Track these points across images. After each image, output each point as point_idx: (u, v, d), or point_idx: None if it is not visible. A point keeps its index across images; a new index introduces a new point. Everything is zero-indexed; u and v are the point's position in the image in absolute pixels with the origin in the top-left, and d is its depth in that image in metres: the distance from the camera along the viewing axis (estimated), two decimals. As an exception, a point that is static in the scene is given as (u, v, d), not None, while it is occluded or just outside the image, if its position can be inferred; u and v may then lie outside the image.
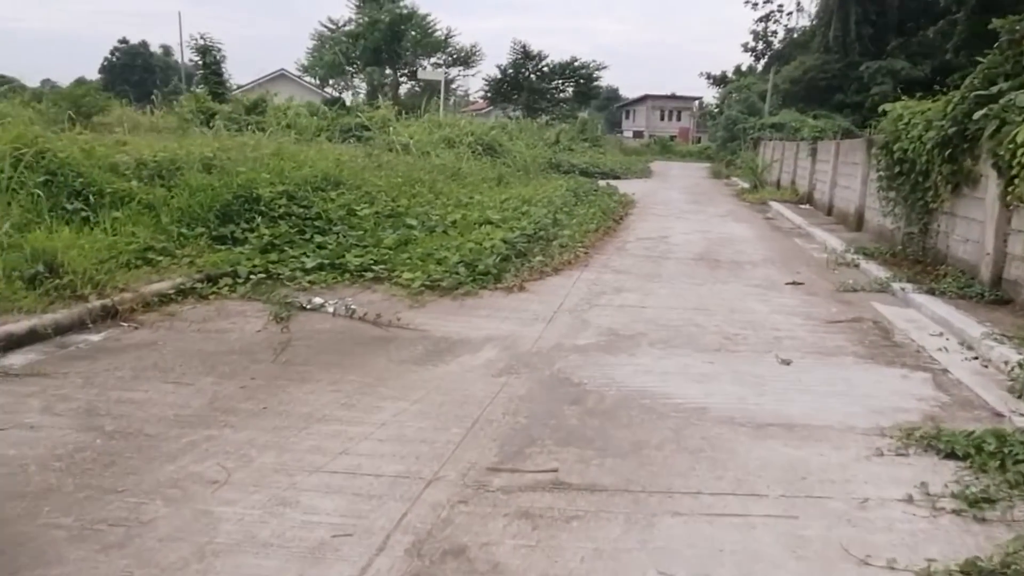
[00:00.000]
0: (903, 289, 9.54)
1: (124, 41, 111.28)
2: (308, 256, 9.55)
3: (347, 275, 9.30)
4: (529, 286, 9.46)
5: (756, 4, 59.27)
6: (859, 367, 6.62)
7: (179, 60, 71.45)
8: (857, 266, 11.78)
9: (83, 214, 9.16)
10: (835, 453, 4.70)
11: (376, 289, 8.96)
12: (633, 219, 17.92)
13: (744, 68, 61.14)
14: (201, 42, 25.30)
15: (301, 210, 10.81)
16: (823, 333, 7.74)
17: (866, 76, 43.53)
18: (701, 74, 63.00)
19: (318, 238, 10.27)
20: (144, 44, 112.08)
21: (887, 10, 47.34)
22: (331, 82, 51.97)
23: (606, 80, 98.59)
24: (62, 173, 9.43)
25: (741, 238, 15.27)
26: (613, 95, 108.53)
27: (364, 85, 54.64)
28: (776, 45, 59.06)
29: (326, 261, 9.44)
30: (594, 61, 63.87)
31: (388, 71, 52.79)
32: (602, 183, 25.00)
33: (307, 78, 54.80)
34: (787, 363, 6.62)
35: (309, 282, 8.90)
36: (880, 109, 12.66)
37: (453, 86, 59.14)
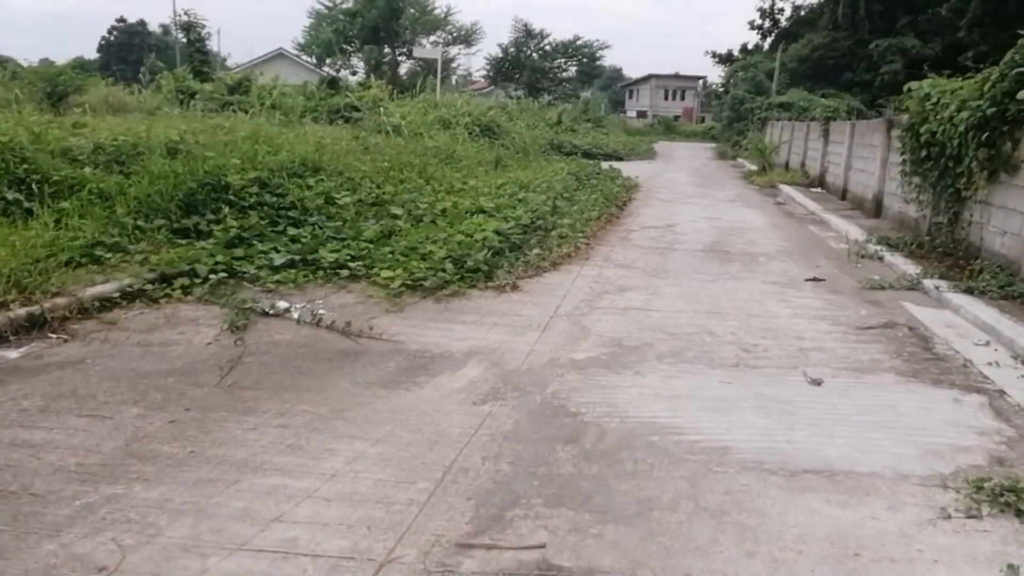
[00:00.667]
0: (937, 288, 8.59)
1: (122, 20, 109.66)
2: (278, 251, 8.62)
3: (320, 273, 8.35)
4: (523, 284, 8.53)
5: (763, -20, 57.91)
6: (902, 388, 5.69)
7: (178, 39, 70.33)
8: (881, 259, 10.83)
9: (26, 205, 8.22)
10: (891, 515, 3.78)
11: (351, 289, 8.03)
12: (637, 205, 16.96)
13: (750, 47, 59.73)
14: (185, 18, 24.17)
15: (274, 199, 9.88)
16: (854, 342, 6.81)
17: (875, 54, 42.36)
18: (706, 52, 61.61)
19: (291, 230, 9.33)
20: (142, 23, 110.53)
21: (897, -14, 46.04)
22: (328, 61, 50.68)
23: (610, 60, 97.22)
24: (3, 159, 8.49)
25: (752, 226, 14.31)
26: (617, 75, 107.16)
27: (362, 64, 53.40)
28: (783, 23, 57.71)
29: (297, 257, 8.50)
30: (597, 40, 62.59)
31: (387, 50, 51.50)
32: (605, 165, 23.97)
33: (306, 57, 53.57)
34: (818, 383, 5.69)
35: (277, 282, 7.97)
36: (905, 88, 11.67)
37: (454, 65, 57.93)
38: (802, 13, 55.87)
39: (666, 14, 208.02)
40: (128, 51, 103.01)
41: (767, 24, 58.92)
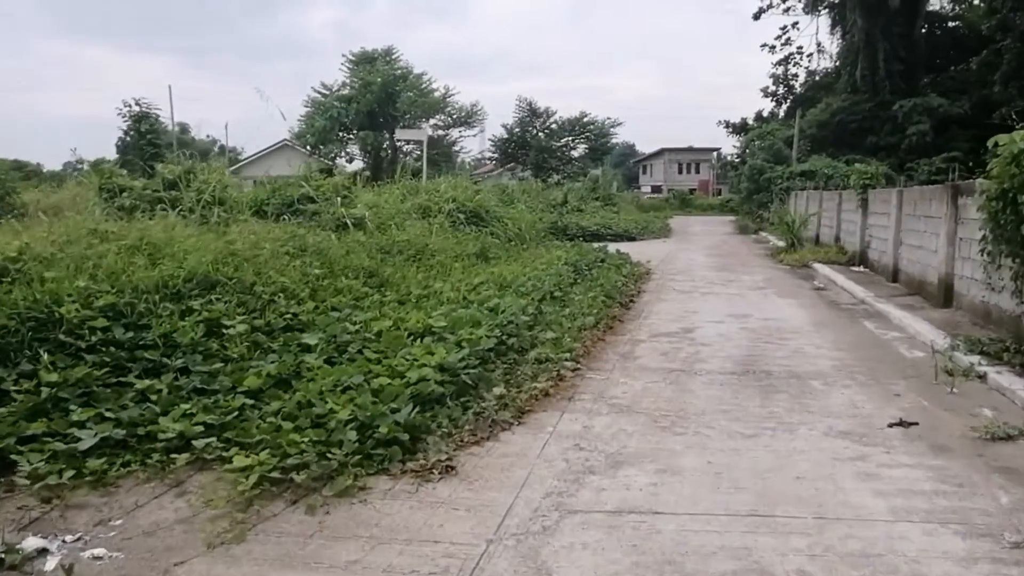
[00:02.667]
0: (1103, 441, 5.58)
1: (138, 119, 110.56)
2: (106, 419, 5.77)
3: (154, 456, 5.48)
4: (464, 460, 5.61)
5: (773, 48, 56.08)
6: None
7: (194, 136, 69.95)
8: (982, 377, 7.82)
9: None
10: None
11: (188, 487, 5.13)
12: (648, 299, 14.04)
13: (766, 114, 57.54)
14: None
15: (131, 335, 7.07)
16: (1022, 587, 3.80)
17: (900, 116, 39.89)
18: (719, 123, 59.30)
19: (141, 382, 6.46)
20: (158, 120, 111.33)
21: (915, 45, 43.89)
22: (321, 148, 48.69)
23: (622, 135, 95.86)
24: None
25: (792, 325, 11.31)
26: (630, 151, 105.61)
27: (358, 151, 51.39)
28: (798, 89, 55.66)
29: (122, 432, 5.64)
30: (608, 118, 60.54)
31: (385, 134, 49.54)
32: (613, 248, 21.22)
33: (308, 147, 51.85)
34: None
35: (76, 477, 5.11)
36: (991, 142, 8.81)
37: (456, 148, 55.92)
38: (817, 78, 53.90)
39: (677, 88, 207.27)
40: (143, 150, 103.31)
41: (781, 91, 56.99)
